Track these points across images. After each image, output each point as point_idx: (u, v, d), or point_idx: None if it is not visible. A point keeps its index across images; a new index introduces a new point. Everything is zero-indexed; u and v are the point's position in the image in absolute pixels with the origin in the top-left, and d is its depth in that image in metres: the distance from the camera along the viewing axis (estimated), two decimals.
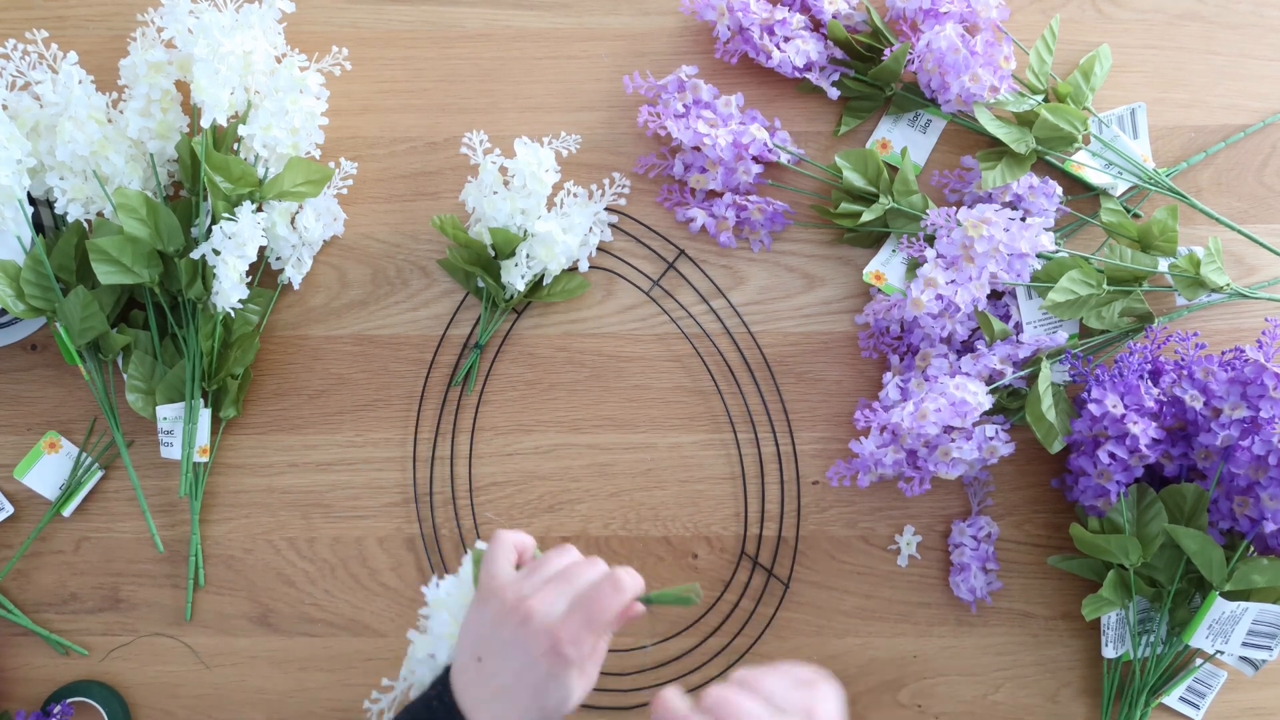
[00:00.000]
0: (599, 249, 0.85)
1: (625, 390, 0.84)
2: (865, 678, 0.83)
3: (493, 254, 0.82)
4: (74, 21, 0.86)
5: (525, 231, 0.81)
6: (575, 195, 0.83)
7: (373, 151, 0.86)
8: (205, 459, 0.82)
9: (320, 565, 0.84)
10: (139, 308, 0.83)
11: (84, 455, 0.84)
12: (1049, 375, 0.77)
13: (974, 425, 0.77)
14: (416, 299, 0.85)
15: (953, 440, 0.76)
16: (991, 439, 0.76)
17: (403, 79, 0.86)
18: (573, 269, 0.84)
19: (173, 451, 0.82)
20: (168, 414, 0.81)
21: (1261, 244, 0.82)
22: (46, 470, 0.84)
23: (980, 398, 0.75)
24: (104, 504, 0.84)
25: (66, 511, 0.84)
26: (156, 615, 0.84)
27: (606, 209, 0.84)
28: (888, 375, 0.81)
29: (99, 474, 0.84)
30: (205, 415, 0.81)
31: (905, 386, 0.79)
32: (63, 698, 0.82)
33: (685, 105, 0.83)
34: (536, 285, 0.84)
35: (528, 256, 0.80)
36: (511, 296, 0.82)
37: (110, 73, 0.82)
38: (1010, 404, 0.80)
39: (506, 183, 0.81)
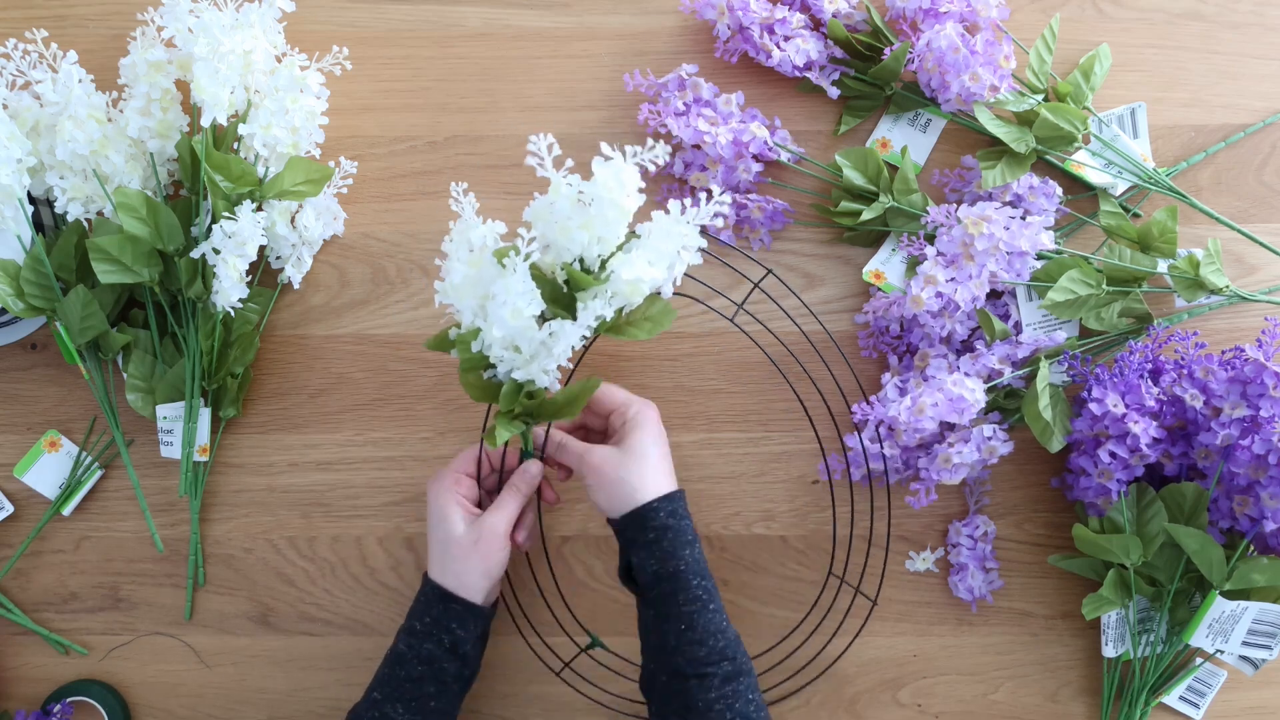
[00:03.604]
0: None
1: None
2: (865, 677, 0.83)
3: (565, 288, 0.70)
4: (74, 21, 0.87)
5: (602, 262, 0.69)
6: (667, 212, 0.70)
7: (373, 151, 0.86)
8: (205, 458, 0.82)
9: (320, 564, 0.84)
10: (139, 307, 0.83)
11: (84, 454, 0.84)
12: (1047, 374, 0.77)
13: (971, 425, 0.77)
14: (417, 298, 0.85)
15: (950, 445, 0.76)
16: (990, 439, 0.76)
17: (403, 78, 0.86)
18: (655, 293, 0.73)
19: (172, 451, 0.82)
20: (168, 413, 0.81)
21: (1261, 244, 0.82)
22: (46, 469, 0.84)
23: (977, 394, 0.75)
24: (104, 503, 0.84)
25: (66, 511, 0.83)
26: (156, 614, 0.84)
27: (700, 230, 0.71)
28: (886, 375, 0.81)
29: (99, 473, 0.84)
30: (205, 414, 0.81)
31: (904, 386, 0.79)
32: (62, 697, 0.82)
33: (685, 103, 0.83)
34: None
35: (612, 295, 0.69)
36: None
37: (110, 72, 0.82)
38: (1008, 404, 0.80)
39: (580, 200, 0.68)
